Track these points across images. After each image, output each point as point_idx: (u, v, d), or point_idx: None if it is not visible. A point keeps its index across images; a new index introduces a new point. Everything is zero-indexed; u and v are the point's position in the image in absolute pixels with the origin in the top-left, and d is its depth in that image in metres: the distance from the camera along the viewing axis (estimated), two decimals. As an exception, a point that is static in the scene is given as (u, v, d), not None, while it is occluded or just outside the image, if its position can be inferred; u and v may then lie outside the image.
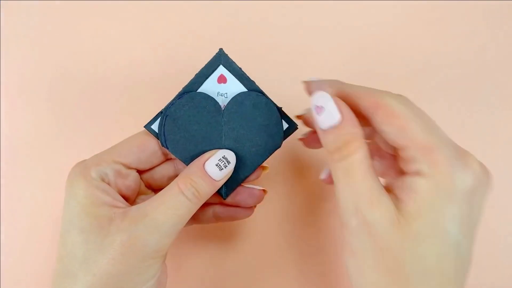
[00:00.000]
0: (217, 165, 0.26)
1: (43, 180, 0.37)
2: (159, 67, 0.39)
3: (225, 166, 0.26)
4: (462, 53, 0.39)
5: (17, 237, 0.36)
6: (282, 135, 0.28)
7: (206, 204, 0.28)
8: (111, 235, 0.23)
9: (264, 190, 0.29)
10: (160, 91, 0.38)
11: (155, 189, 0.29)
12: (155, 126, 0.27)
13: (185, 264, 0.36)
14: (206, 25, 0.39)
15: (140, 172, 0.28)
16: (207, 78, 0.27)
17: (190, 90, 0.27)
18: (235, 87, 0.27)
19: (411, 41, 0.40)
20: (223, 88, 0.27)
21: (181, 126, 0.27)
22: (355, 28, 0.40)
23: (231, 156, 0.26)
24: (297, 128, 0.28)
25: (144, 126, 0.27)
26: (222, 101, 0.27)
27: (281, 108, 0.27)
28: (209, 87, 0.27)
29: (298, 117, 0.28)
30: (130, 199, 0.28)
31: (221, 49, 0.27)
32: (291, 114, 0.28)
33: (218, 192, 0.28)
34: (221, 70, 0.27)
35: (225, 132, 0.27)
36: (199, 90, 0.27)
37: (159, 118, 0.27)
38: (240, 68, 0.27)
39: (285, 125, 0.28)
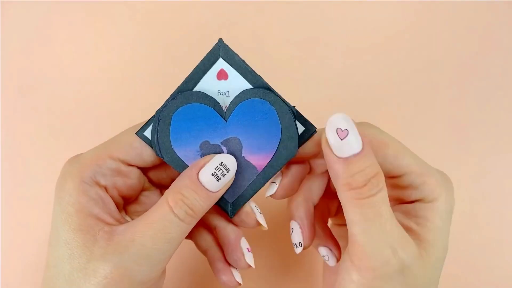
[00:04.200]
0: (213, 174, 0.21)
1: (42, 180, 0.36)
2: (158, 65, 0.38)
3: (224, 175, 0.22)
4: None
5: (16, 238, 0.36)
6: (297, 141, 0.22)
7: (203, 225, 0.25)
8: (94, 260, 0.20)
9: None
10: (159, 89, 0.36)
11: (164, 185, 0.25)
12: (147, 133, 0.23)
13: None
14: (202, 24, 0.39)
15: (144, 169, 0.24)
16: (204, 74, 0.23)
17: (186, 89, 0.23)
18: (238, 83, 0.23)
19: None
20: (224, 86, 0.23)
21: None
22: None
23: (230, 161, 0.22)
24: (316, 131, 0.22)
25: (136, 133, 0.23)
26: (224, 101, 0.23)
27: (294, 107, 0.22)
28: (208, 84, 0.23)
29: None
30: (131, 198, 0.25)
31: (220, 39, 0.22)
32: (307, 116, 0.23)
33: (224, 209, 0.24)
34: (221, 64, 0.22)
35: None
36: (195, 89, 0.23)
37: (152, 124, 0.23)
38: (244, 61, 0.22)
39: (301, 128, 0.22)
